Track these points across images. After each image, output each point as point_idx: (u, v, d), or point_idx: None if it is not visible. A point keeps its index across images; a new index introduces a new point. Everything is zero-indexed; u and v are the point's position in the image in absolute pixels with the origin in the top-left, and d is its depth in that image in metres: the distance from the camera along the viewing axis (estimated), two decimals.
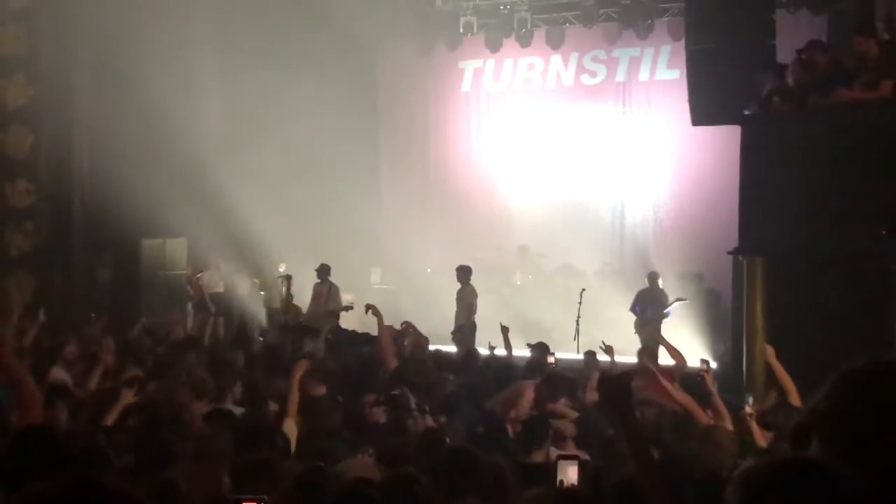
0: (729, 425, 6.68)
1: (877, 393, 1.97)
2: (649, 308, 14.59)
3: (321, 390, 7.83)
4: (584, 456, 5.89)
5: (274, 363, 9.70)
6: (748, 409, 6.81)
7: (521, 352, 11.67)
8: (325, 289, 15.05)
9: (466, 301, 14.71)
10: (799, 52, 10.22)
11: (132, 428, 6.56)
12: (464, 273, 14.83)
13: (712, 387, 7.25)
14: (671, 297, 14.58)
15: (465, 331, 14.36)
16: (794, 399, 7.04)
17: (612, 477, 4.65)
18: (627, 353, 10.87)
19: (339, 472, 5.20)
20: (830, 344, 8.40)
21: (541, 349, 11.14)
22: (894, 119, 8.91)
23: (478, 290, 14.91)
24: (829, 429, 1.98)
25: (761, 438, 6.52)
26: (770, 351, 7.83)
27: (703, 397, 7.23)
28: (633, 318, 14.70)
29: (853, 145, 8.98)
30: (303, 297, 15.63)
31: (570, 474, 4.08)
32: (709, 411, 7.04)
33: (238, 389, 8.03)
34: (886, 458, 1.89)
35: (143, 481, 4.63)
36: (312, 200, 16.58)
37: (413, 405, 6.97)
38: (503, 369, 9.60)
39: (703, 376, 7.47)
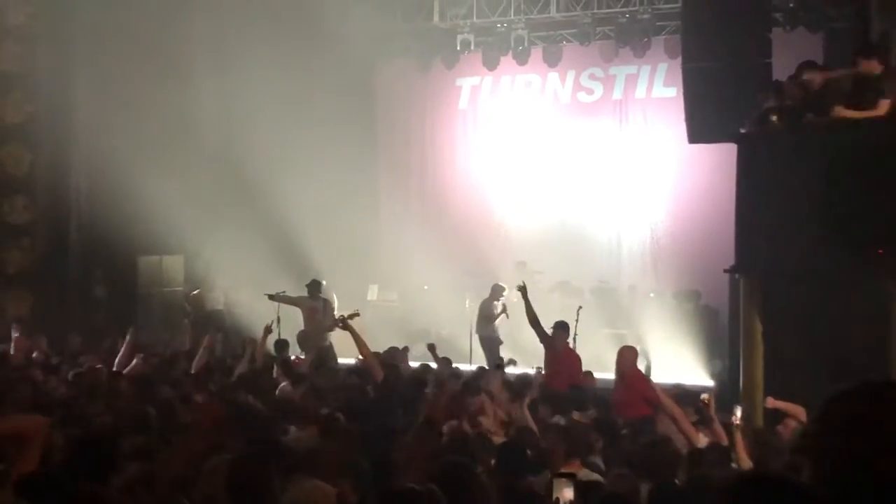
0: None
1: (855, 416, 2.03)
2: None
3: None
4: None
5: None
6: (735, 420, 6.81)
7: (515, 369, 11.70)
8: (320, 305, 14.92)
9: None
10: (795, 71, 10.26)
11: None
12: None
13: (713, 413, 7.30)
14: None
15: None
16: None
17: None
18: None
19: None
20: (828, 362, 8.39)
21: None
22: (890, 137, 8.92)
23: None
24: (815, 450, 2.07)
25: (743, 449, 6.55)
26: (769, 401, 7.88)
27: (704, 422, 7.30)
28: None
29: (849, 164, 8.96)
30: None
31: (566, 493, 4.04)
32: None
33: None
34: (858, 477, 1.96)
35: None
36: (310, 217, 16.55)
37: None
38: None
39: (704, 405, 7.50)
